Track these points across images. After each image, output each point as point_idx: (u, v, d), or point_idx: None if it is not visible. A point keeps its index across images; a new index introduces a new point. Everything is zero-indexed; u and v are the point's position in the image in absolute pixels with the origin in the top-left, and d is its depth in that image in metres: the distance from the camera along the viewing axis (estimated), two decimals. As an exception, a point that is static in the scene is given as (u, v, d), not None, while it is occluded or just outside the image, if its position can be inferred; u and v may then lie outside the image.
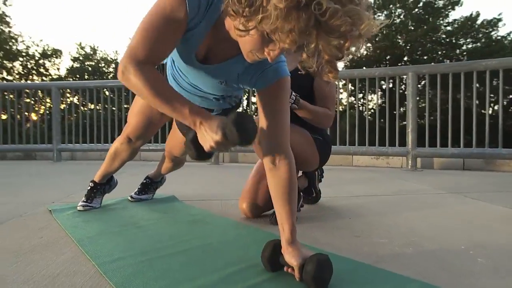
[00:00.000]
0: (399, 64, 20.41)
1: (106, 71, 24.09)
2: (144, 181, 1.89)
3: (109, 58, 24.65)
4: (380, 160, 3.84)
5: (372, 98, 18.09)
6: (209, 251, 1.07)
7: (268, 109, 0.92)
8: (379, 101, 19.62)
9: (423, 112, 3.81)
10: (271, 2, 0.59)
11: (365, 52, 23.35)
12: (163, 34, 0.79)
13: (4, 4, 18.08)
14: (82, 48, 24.22)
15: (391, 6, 21.78)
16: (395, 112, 3.70)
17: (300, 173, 1.76)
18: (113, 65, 24.01)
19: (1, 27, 19.05)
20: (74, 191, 2.17)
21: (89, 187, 1.67)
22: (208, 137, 0.80)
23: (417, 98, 3.45)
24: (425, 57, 21.22)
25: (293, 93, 1.40)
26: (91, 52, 24.27)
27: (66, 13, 44.10)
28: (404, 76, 3.60)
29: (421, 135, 3.48)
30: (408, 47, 21.99)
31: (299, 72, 1.44)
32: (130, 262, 0.96)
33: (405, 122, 3.55)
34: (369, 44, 23.09)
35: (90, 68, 23.67)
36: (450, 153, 3.37)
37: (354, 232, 1.29)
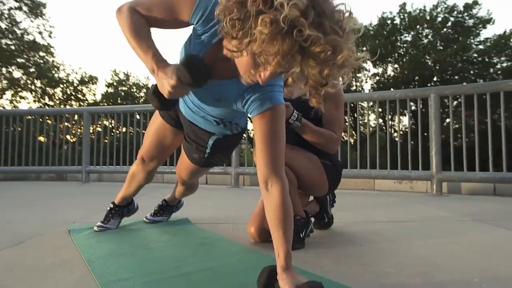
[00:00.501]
0: (428, 85, 19.96)
1: (137, 95, 25.29)
2: (161, 204, 1.94)
3: (140, 84, 25.95)
4: (404, 185, 3.71)
5: (394, 120, 17.66)
6: (210, 275, 1.08)
7: (261, 135, 0.95)
8: (402, 124, 19.15)
9: (448, 134, 3.67)
10: (257, 27, 0.64)
11: (392, 74, 23.09)
12: (163, 9, 0.93)
13: (50, 36, 19.65)
14: (116, 74, 25.72)
15: (418, 26, 21.55)
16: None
17: (311, 198, 1.74)
18: (144, 90, 25.20)
19: (46, 57, 20.67)
20: (95, 211, 2.27)
21: (108, 208, 1.73)
22: (165, 82, 0.87)
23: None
24: (456, 77, 20.62)
25: (295, 111, 1.42)
26: (124, 78, 25.67)
27: (103, 42, 47.22)
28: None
29: (447, 158, 3.35)
30: (437, 67, 21.49)
31: (303, 98, 1.48)
32: (133, 282, 0.99)
33: (427, 143, 3.44)
34: (396, 65, 22.85)
35: (123, 93, 24.94)
36: (478, 177, 3.20)
37: (362, 260, 1.25)
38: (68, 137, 6.13)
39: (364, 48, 22.68)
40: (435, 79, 21.84)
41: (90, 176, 4.66)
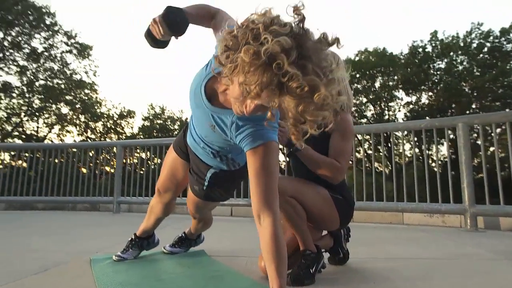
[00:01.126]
0: (467, 112, 19.17)
1: (172, 128, 26.38)
2: (180, 236, 1.98)
3: (175, 117, 27.13)
4: (435, 219, 3.51)
5: (432, 150, 16.81)
6: (213, 309, 1.09)
7: (254, 170, 0.99)
8: (440, 153, 18.16)
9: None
10: (240, 56, 0.70)
11: (426, 102, 22.45)
12: None
13: (94, 75, 21.40)
14: (153, 108, 27.14)
15: (451, 53, 21.08)
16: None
17: (325, 232, 1.72)
18: (178, 123, 26.28)
19: (91, 94, 22.40)
20: (119, 242, 2.35)
21: (129, 239, 1.81)
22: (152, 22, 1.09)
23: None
24: (497, 103, 19.62)
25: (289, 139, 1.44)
26: (160, 112, 27.00)
27: (142, 77, 50.38)
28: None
29: (481, 190, 3.16)
30: (475, 94, 20.64)
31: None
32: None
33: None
34: (430, 93, 22.23)
35: (158, 126, 26.14)
36: (518, 211, 2.97)
37: (371, 299, 1.20)
38: (107, 168, 6.49)
39: (396, 77, 22.44)
40: (474, 106, 20.93)
41: (121, 206, 4.85)
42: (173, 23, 1.09)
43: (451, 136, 3.76)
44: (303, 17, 0.75)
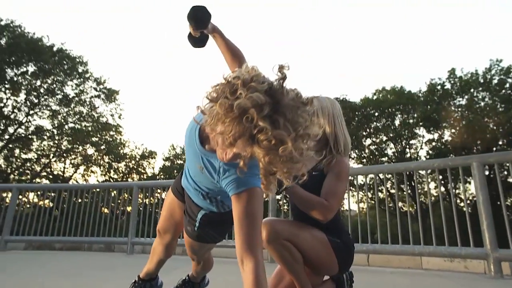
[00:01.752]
0: (493, 149, 18.50)
1: (191, 168, 26.71)
2: (184, 278, 1.97)
3: (195, 157, 27.55)
4: (456, 263, 3.30)
5: (459, 188, 15.98)
6: None
7: (237, 215, 1.02)
8: (468, 192, 17.32)
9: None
10: (216, 106, 0.77)
11: (449, 139, 21.89)
12: None
13: (119, 117, 22.48)
14: (174, 148, 27.84)
15: (471, 90, 20.85)
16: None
17: (327, 276, 1.67)
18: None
19: (115, 135, 23.38)
20: (126, 284, 2.36)
21: (133, 281, 1.82)
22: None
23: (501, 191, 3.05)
24: (526, 139, 18.88)
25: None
26: (181, 152, 27.60)
27: (164, 118, 52.30)
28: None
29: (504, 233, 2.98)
30: (500, 130, 20.01)
31: (313, 173, 1.54)
32: None
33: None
34: (453, 130, 21.74)
35: (178, 166, 26.59)
36: (546, 257, 2.75)
37: None
38: (128, 208, 6.60)
39: (415, 115, 22.24)
40: (500, 142, 20.21)
41: (135, 248, 4.86)
42: (194, 18, 1.36)
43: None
44: (284, 76, 0.82)
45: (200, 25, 1.37)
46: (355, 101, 23.12)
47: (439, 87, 21.74)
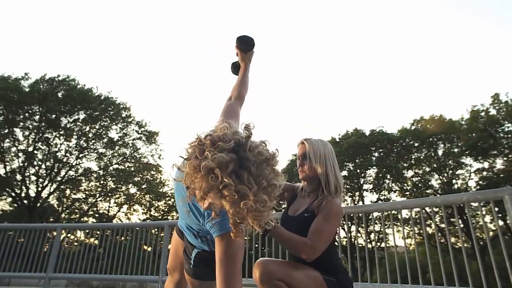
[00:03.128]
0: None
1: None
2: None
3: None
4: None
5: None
6: None
7: (218, 256, 1.11)
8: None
9: None
10: (187, 166, 0.88)
11: (502, 167, 20.25)
12: None
13: (159, 158, 23.60)
14: (211, 186, 28.25)
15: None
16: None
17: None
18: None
19: (156, 175, 24.41)
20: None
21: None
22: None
23: None
24: None
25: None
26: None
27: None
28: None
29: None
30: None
31: (305, 214, 1.59)
32: None
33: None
34: (504, 158, 20.13)
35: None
36: None
37: None
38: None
39: (460, 143, 21.03)
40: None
41: (165, 286, 4.93)
42: (242, 41, 1.76)
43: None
44: (250, 133, 0.93)
45: (246, 48, 1.76)
46: (393, 132, 22.47)
47: (483, 113, 20.58)
